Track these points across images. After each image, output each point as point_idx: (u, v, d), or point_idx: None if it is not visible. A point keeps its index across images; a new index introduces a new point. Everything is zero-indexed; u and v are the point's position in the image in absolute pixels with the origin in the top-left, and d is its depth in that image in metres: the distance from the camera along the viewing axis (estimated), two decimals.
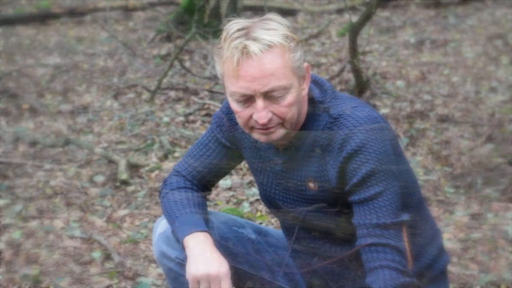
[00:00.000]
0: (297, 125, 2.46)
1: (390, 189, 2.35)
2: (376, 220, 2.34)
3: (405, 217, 2.38)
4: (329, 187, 2.45)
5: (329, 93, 2.47)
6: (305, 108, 2.46)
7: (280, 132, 2.40)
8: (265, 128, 2.38)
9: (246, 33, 2.32)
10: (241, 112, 2.39)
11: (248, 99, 2.36)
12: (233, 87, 2.35)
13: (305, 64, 2.41)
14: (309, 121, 2.46)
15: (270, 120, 2.36)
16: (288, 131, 2.42)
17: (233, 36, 2.33)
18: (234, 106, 2.40)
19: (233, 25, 2.36)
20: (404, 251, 2.35)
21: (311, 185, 2.49)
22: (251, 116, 2.38)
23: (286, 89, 2.34)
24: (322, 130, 2.42)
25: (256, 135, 2.44)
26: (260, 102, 2.34)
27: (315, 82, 2.52)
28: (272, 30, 2.33)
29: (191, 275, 2.46)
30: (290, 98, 2.35)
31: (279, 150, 2.54)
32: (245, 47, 2.29)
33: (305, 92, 2.43)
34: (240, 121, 2.43)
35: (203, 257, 2.48)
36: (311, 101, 2.47)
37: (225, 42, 2.35)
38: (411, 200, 2.50)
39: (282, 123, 2.39)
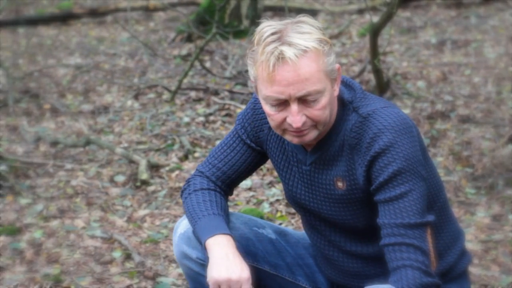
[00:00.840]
0: (328, 125, 2.46)
1: (416, 189, 2.35)
2: (401, 220, 2.34)
3: (430, 218, 2.37)
4: (357, 186, 2.45)
5: (358, 93, 2.47)
6: (336, 109, 2.46)
7: (313, 134, 2.41)
8: (299, 131, 2.38)
9: (280, 37, 2.31)
10: (274, 115, 2.39)
11: (282, 103, 2.36)
12: (267, 91, 2.35)
13: (337, 66, 2.41)
14: (339, 121, 2.47)
15: (304, 124, 2.37)
16: (320, 132, 2.42)
17: (267, 40, 2.32)
18: (267, 109, 2.40)
19: (266, 28, 2.35)
20: (427, 251, 2.35)
21: (340, 184, 2.49)
22: (284, 119, 2.38)
23: (320, 93, 2.34)
24: (351, 129, 2.41)
25: (288, 137, 2.44)
26: (294, 107, 2.34)
27: (344, 82, 2.53)
28: (306, 34, 2.32)
29: (212, 279, 2.46)
30: (324, 101, 2.35)
31: (307, 150, 2.54)
32: (281, 52, 2.29)
33: (336, 93, 2.43)
34: (272, 123, 2.43)
35: (225, 261, 2.47)
36: (341, 101, 2.47)
37: (258, 46, 2.34)
38: (436, 201, 2.49)
39: (315, 125, 2.39)
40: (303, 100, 2.34)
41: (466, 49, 8.27)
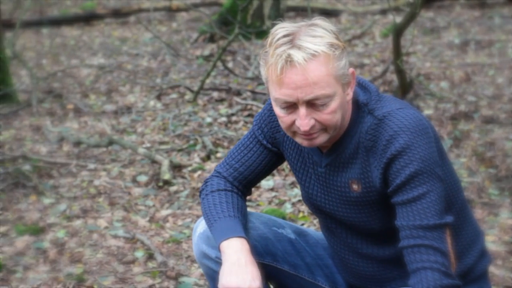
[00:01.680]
0: (341, 128, 2.45)
1: (434, 191, 2.34)
2: (419, 222, 2.33)
3: (449, 219, 2.36)
4: (372, 188, 2.44)
5: (374, 95, 2.46)
6: (349, 112, 2.45)
7: (323, 138, 2.40)
8: (308, 134, 2.38)
9: (291, 39, 2.31)
10: (284, 117, 2.39)
11: (291, 106, 2.35)
12: (276, 94, 2.35)
13: (350, 70, 2.39)
14: (354, 123, 2.45)
15: (312, 127, 2.36)
16: (331, 135, 2.41)
17: (278, 42, 2.32)
18: (278, 111, 2.40)
19: (279, 30, 2.35)
20: (447, 252, 2.33)
21: (355, 186, 2.48)
22: (293, 122, 2.38)
23: (329, 97, 2.33)
24: (367, 131, 2.41)
25: (298, 140, 2.44)
26: (303, 110, 2.34)
27: (360, 84, 2.51)
28: (318, 37, 2.31)
29: (222, 286, 2.46)
30: (333, 105, 2.34)
31: (323, 152, 2.54)
32: (289, 56, 2.28)
33: (349, 97, 2.42)
34: (282, 125, 2.43)
35: (237, 267, 2.47)
36: (356, 103, 2.46)
37: (270, 47, 2.34)
38: (454, 202, 2.48)
39: (325, 129, 2.38)
40: (311, 104, 2.33)
41: (489, 50, 8.22)
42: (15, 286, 3.87)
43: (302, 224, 4.41)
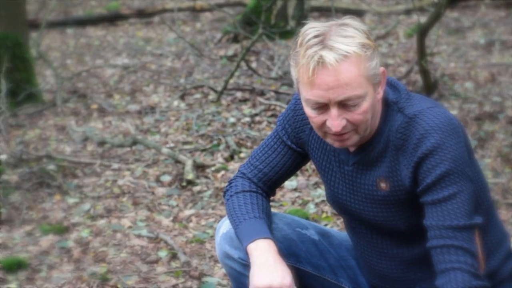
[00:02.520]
0: (372, 128, 2.44)
1: (464, 191, 2.32)
2: (449, 222, 2.31)
3: (478, 219, 2.34)
4: (401, 187, 2.42)
5: (403, 94, 2.45)
6: (379, 111, 2.44)
7: (354, 139, 2.40)
8: (339, 135, 2.37)
9: (322, 40, 2.29)
10: (314, 118, 2.38)
11: (322, 106, 2.34)
12: (308, 95, 2.34)
13: (381, 69, 2.38)
14: (383, 122, 2.44)
15: (344, 128, 2.35)
16: (362, 136, 2.40)
17: (309, 43, 2.31)
18: (308, 111, 2.39)
19: (310, 31, 2.33)
20: (476, 254, 2.32)
21: (383, 185, 2.47)
22: (324, 122, 2.37)
23: (361, 98, 2.32)
24: (397, 130, 2.40)
25: (330, 141, 2.43)
26: (334, 111, 2.33)
27: (389, 83, 2.50)
28: (349, 37, 2.30)
29: (253, 286, 2.46)
30: (365, 105, 2.33)
31: (350, 151, 2.53)
32: (321, 57, 2.27)
33: (380, 96, 2.40)
34: (313, 126, 2.42)
35: (266, 267, 2.46)
36: (385, 102, 2.45)
37: (300, 48, 2.33)
38: (481, 203, 2.46)
39: (356, 129, 2.37)
40: (343, 105, 2.32)
41: None
42: (39, 285, 3.89)
43: (326, 225, 4.40)
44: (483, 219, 2.40)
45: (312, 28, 2.34)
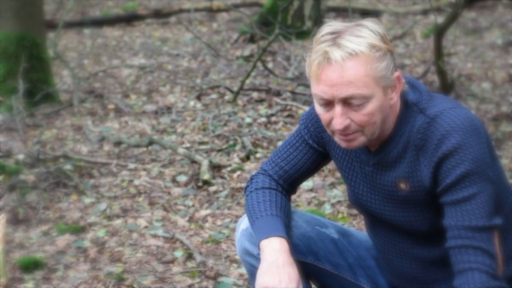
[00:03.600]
0: (388, 129, 2.43)
1: (484, 192, 2.31)
2: (468, 222, 2.30)
3: (498, 221, 2.33)
4: (421, 187, 2.42)
5: (424, 94, 2.44)
6: (394, 114, 2.43)
7: (360, 140, 2.39)
8: (344, 134, 2.37)
9: (334, 38, 2.31)
10: (322, 115, 2.40)
11: (328, 103, 2.35)
12: (314, 90, 2.36)
13: (396, 74, 2.37)
14: (402, 122, 2.43)
15: (347, 127, 2.35)
16: (369, 139, 2.40)
17: (321, 39, 2.33)
18: (317, 108, 2.41)
19: (326, 28, 2.35)
20: (495, 255, 2.30)
21: (402, 185, 2.46)
22: (331, 120, 2.37)
23: (366, 98, 2.31)
24: (418, 130, 2.39)
25: (337, 140, 2.43)
26: (338, 108, 2.33)
27: (409, 83, 2.49)
28: (361, 38, 2.31)
29: (258, 285, 2.46)
30: (370, 107, 2.33)
31: (371, 151, 2.52)
32: (326, 53, 2.29)
33: (393, 101, 2.39)
34: (323, 123, 2.43)
35: (274, 268, 2.47)
36: (404, 102, 2.45)
37: (315, 44, 2.35)
38: (503, 205, 2.45)
39: (362, 130, 2.37)
40: (348, 103, 2.32)
41: None
42: (56, 284, 3.90)
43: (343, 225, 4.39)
44: (504, 221, 2.39)
45: (329, 26, 2.36)
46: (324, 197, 4.88)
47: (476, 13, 10.24)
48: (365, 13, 10.38)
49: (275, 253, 2.49)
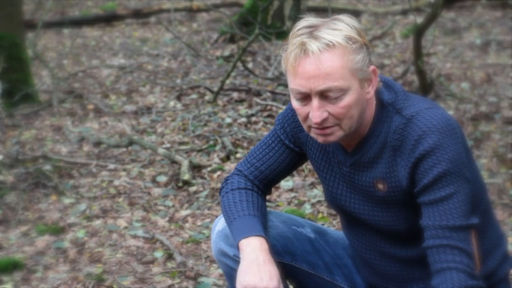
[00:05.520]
0: (362, 127, 2.44)
1: (461, 192, 2.33)
2: (445, 222, 2.31)
3: (475, 220, 2.34)
4: (398, 188, 2.43)
5: (400, 95, 2.44)
6: (371, 111, 2.44)
7: (338, 135, 2.39)
8: (321, 128, 2.37)
9: (311, 31, 2.32)
10: (299, 110, 2.39)
11: (305, 97, 2.35)
12: (291, 84, 2.36)
13: (372, 67, 2.38)
14: (378, 123, 2.44)
15: (325, 120, 2.35)
16: (347, 133, 2.40)
17: (297, 32, 2.34)
18: (294, 103, 2.41)
19: (302, 22, 2.37)
20: (472, 254, 2.32)
21: (380, 186, 2.47)
22: (308, 115, 2.37)
23: (343, 90, 2.32)
24: (395, 131, 2.39)
25: (313, 135, 2.43)
26: (315, 101, 2.33)
27: (385, 83, 2.49)
28: (337, 30, 2.32)
29: (239, 284, 2.46)
30: (347, 99, 2.33)
31: (347, 151, 2.53)
32: (303, 44, 2.29)
33: (370, 95, 2.40)
34: (299, 119, 2.43)
35: (255, 266, 2.47)
36: (380, 102, 2.45)
37: (291, 37, 2.36)
38: (479, 204, 2.46)
39: (339, 124, 2.37)
40: (325, 96, 2.32)
41: (511, 50, 8.17)
42: (35, 285, 3.89)
43: (322, 225, 4.40)
44: (480, 220, 2.40)
45: (305, 20, 2.37)
46: (304, 197, 4.89)
47: (455, 13, 10.29)
48: (345, 13, 10.39)
49: (254, 253, 2.49)
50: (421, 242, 2.38)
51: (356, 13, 10.60)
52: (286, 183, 5.02)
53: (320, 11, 10.43)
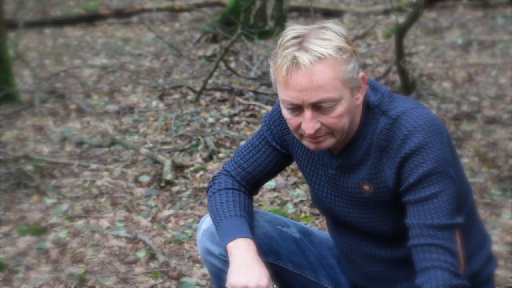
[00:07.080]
0: (350, 131, 2.44)
1: (446, 191, 2.33)
2: (430, 221, 2.32)
3: (459, 219, 2.35)
4: (385, 188, 2.43)
5: (386, 96, 2.45)
6: (358, 115, 2.45)
7: (329, 141, 2.40)
8: (314, 137, 2.38)
9: (300, 42, 2.31)
10: (290, 120, 2.39)
11: (297, 108, 2.35)
12: (283, 95, 2.36)
13: (361, 74, 2.38)
14: (364, 125, 2.45)
15: (318, 131, 2.35)
16: (338, 139, 2.41)
17: (286, 44, 2.32)
18: (285, 112, 2.40)
19: (289, 32, 2.35)
20: (457, 253, 2.33)
21: (366, 187, 2.47)
22: (300, 125, 2.37)
23: (335, 101, 2.32)
24: (381, 132, 2.40)
25: (305, 143, 2.43)
26: (308, 113, 2.33)
27: (371, 86, 2.50)
28: (327, 40, 2.31)
29: (230, 285, 2.47)
30: (340, 109, 2.34)
31: (333, 154, 2.53)
32: (294, 57, 2.28)
33: (359, 101, 2.41)
34: (290, 127, 2.43)
35: (244, 267, 2.47)
36: (366, 104, 2.46)
37: (279, 48, 2.34)
38: (464, 204, 2.47)
39: (332, 133, 2.38)
40: (317, 107, 2.33)
41: (492, 50, 8.22)
42: (17, 286, 3.87)
43: (305, 224, 4.40)
44: (465, 220, 2.41)
45: (292, 30, 2.35)
46: (287, 197, 4.89)
47: (436, 13, 10.33)
48: (327, 13, 10.42)
49: (243, 254, 2.50)
50: (406, 242, 2.38)
51: (338, 13, 10.62)
52: (268, 183, 5.00)
53: (303, 11, 10.45)
